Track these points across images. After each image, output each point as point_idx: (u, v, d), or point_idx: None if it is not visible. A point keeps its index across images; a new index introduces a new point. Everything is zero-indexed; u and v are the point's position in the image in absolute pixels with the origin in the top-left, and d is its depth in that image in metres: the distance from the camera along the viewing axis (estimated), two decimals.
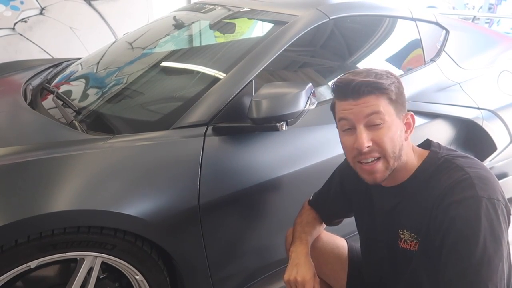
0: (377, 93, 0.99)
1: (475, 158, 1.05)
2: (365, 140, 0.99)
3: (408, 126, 1.06)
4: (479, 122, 1.99)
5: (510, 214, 0.96)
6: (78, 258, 1.23)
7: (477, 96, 2.00)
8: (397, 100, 1.02)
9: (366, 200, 1.21)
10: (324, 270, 1.35)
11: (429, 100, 1.87)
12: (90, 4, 4.24)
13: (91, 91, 1.78)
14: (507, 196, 2.40)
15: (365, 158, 1.02)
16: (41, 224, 1.11)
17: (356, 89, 1.00)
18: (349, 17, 1.85)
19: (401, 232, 1.07)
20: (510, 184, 2.30)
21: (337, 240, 1.40)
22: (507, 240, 0.96)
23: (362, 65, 1.94)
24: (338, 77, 1.08)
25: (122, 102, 1.63)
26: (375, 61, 1.98)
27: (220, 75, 1.54)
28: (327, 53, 1.96)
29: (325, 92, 1.76)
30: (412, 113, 1.07)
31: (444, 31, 2.12)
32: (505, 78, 2.12)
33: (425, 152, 1.08)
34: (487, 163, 2.09)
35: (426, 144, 1.12)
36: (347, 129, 1.04)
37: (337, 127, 1.11)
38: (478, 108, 1.98)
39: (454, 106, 1.92)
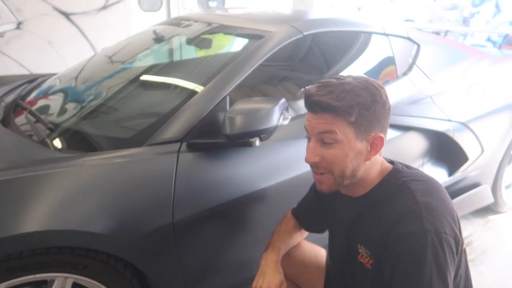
0: (333, 114, 0.99)
1: (433, 182, 1.05)
2: (312, 155, 1.03)
3: (374, 147, 1.03)
4: (451, 134, 2.03)
5: (459, 245, 0.97)
6: (48, 280, 1.21)
7: (448, 109, 2.05)
8: (360, 122, 0.99)
9: (331, 209, 1.23)
10: (301, 278, 1.37)
11: (402, 113, 1.91)
12: (68, 18, 4.22)
13: (66, 108, 1.76)
14: (479, 206, 2.44)
15: (314, 170, 1.06)
16: (9, 246, 1.09)
17: (312, 106, 1.01)
18: (322, 33, 1.89)
19: (359, 247, 1.08)
20: (483, 193, 2.35)
21: (316, 249, 1.41)
22: (456, 272, 0.98)
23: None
24: (309, 85, 1.06)
25: (96, 118, 1.62)
26: (352, 73, 2.02)
27: (195, 90, 1.54)
28: (303, 67, 2.00)
29: (300, 106, 1.78)
30: (382, 136, 1.02)
31: (415, 46, 2.18)
32: (474, 91, 2.19)
33: (388, 168, 1.08)
34: (459, 173, 2.15)
35: (390, 162, 1.12)
36: (308, 138, 1.07)
37: None
38: (449, 121, 2.03)
39: (426, 119, 1.97)
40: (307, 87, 1.05)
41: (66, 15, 4.20)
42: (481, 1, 8.42)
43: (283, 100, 1.43)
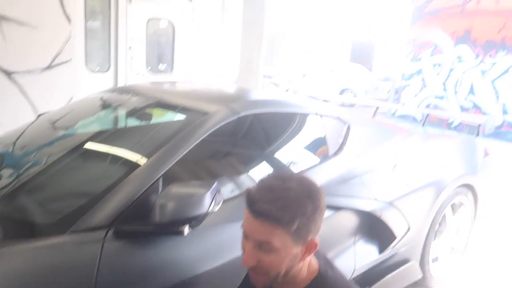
0: (275, 223, 1.00)
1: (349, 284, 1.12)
2: (250, 259, 1.04)
3: (308, 250, 1.06)
4: (378, 214, 2.13)
5: None
6: None
7: (375, 188, 2.16)
8: (299, 231, 1.01)
9: None
10: None
11: (333, 192, 1.99)
12: (9, 77, 4.09)
13: None
14: (409, 282, 2.48)
15: (250, 270, 1.07)
16: None
17: (257, 211, 1.01)
18: (258, 114, 1.98)
19: None
20: (412, 269, 2.44)
21: None
22: None
23: (278, 155, 2.05)
24: (255, 184, 1.06)
25: (19, 199, 1.53)
26: (285, 154, 2.12)
27: (128, 170, 1.52)
28: (243, 143, 2.06)
29: (237, 186, 1.82)
30: (317, 242, 1.06)
31: (346, 126, 2.32)
32: (399, 170, 2.34)
33: (315, 272, 1.12)
34: (389, 250, 2.23)
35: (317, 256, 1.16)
36: (244, 234, 1.07)
37: None
38: (376, 200, 2.14)
39: (355, 198, 2.06)
40: (249, 187, 1.05)
41: (8, 73, 4.06)
42: (409, 76, 9.33)
43: (215, 184, 1.44)
